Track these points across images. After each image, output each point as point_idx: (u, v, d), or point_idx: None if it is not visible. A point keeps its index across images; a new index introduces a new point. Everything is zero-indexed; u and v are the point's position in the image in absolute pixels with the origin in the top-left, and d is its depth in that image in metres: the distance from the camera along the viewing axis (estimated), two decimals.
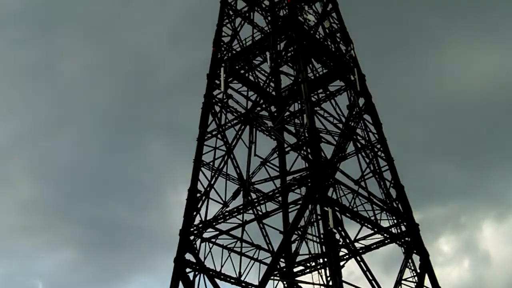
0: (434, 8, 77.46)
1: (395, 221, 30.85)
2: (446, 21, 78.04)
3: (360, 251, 29.84)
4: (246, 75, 35.30)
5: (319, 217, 27.71)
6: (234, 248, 31.09)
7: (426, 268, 30.02)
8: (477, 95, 71.36)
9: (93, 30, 79.19)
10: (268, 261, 30.96)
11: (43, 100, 76.01)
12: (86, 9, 79.41)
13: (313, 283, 26.85)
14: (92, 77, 76.66)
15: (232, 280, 30.47)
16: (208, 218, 30.51)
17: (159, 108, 73.49)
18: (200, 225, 30.30)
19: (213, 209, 32.33)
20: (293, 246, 32.84)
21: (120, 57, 78.38)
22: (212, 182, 31.71)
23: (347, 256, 29.10)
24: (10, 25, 78.42)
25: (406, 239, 30.46)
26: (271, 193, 29.59)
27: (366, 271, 26.63)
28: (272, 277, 27.30)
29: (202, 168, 31.97)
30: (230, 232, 31.04)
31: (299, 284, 31.46)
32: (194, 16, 73.41)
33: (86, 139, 73.60)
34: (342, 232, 26.17)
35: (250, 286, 30.96)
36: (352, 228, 29.65)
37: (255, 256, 31.81)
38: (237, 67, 34.64)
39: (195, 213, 30.66)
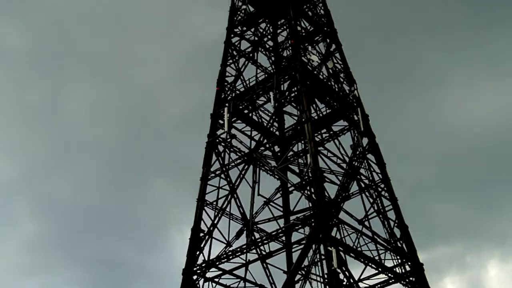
0: (437, 45, 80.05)
1: (399, 261, 32.01)
2: (450, 58, 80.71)
3: None
4: (250, 115, 37.13)
5: (323, 257, 28.93)
6: None
7: None
8: (483, 134, 73.19)
9: (97, 67, 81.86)
10: None
11: (46, 138, 78.10)
12: (91, 46, 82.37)
13: None
14: (96, 115, 78.87)
15: None
16: (211, 258, 31.76)
17: (163, 147, 75.41)
18: (203, 265, 31.52)
19: (217, 248, 33.67)
20: (297, 286, 33.91)
21: (124, 95, 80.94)
22: (215, 222, 33.04)
23: None
24: (13, 62, 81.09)
25: (411, 279, 31.59)
26: (274, 233, 30.88)
27: None
28: None
29: (206, 208, 33.34)
30: (234, 272, 32.24)
31: None
32: (199, 55, 76.09)
33: (90, 178, 75.26)
34: (346, 272, 27.31)
35: None
36: (356, 268, 30.85)
37: None
38: (240, 107, 36.50)
39: (198, 252, 31.88)
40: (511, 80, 75.83)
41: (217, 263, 31.59)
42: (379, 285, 31.77)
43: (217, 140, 35.58)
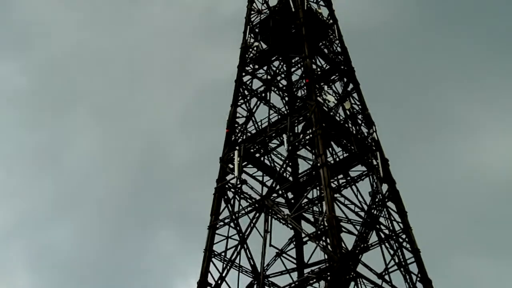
0: (462, 86, 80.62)
1: None
2: (474, 100, 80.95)
3: None
4: (262, 159, 37.70)
5: None
6: None
7: None
8: (508, 180, 72.75)
9: (101, 110, 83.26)
10: None
11: (46, 186, 79.00)
12: (94, 87, 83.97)
13: None
14: (99, 161, 79.73)
15: None
16: None
17: (169, 194, 75.93)
18: None
19: None
20: None
21: (129, 142, 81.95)
22: (223, 274, 33.14)
23: None
24: (13, 106, 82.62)
25: None
26: (287, 287, 30.71)
27: None
28: None
29: (213, 259, 33.41)
30: None
31: None
32: (208, 95, 77.36)
33: (91, 228, 75.67)
34: None
35: None
36: None
37: None
38: (252, 150, 37.08)
39: None
40: None
41: None
42: None
43: (227, 186, 35.94)
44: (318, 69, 40.60)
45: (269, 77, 41.58)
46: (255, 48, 42.04)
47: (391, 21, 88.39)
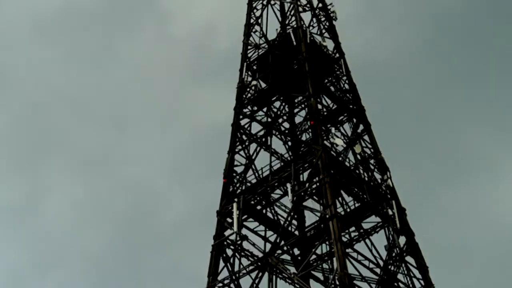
0: (483, 125, 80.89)
1: None
2: (500, 141, 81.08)
3: None
4: (264, 211, 37.80)
5: None
6: None
7: None
8: None
9: (85, 162, 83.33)
10: None
11: (26, 242, 78.43)
12: (78, 134, 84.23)
13: None
14: (82, 216, 79.51)
15: None
16: None
17: (160, 253, 75.48)
18: None
19: None
20: None
21: (115, 193, 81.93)
22: None
23: None
24: None
25: None
26: None
27: None
28: None
29: None
30: None
31: None
32: (201, 142, 77.79)
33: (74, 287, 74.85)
34: None
35: None
36: None
37: None
38: (252, 202, 37.13)
39: None
40: None
41: None
42: None
43: (225, 243, 35.91)
44: (324, 109, 40.99)
45: (269, 119, 41.96)
46: (253, 88, 42.39)
47: (404, 51, 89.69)
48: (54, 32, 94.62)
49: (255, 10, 47.09)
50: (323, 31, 46.14)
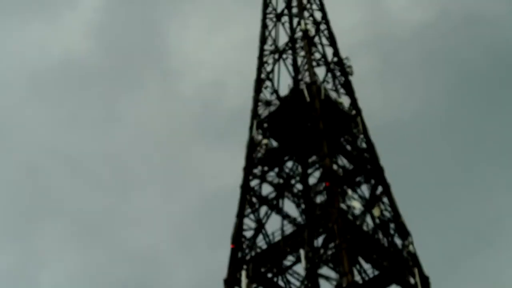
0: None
1: None
2: None
3: None
4: (275, 279, 39.09)
5: None
6: None
7: None
8: None
9: (84, 228, 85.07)
10: None
11: None
12: (74, 197, 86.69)
13: None
14: (79, 287, 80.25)
15: None
16: None
17: None
18: None
19: None
20: None
21: (115, 263, 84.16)
22: None
23: None
24: None
25: None
26: None
27: None
28: None
29: None
30: None
31: None
32: (208, 205, 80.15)
33: None
34: None
35: None
36: None
37: None
38: (263, 269, 38.70)
39: None
40: None
41: None
42: None
43: None
44: (340, 170, 42.29)
45: (281, 180, 43.26)
46: (263, 147, 44.16)
47: (427, 110, 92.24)
48: (53, 90, 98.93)
49: (266, 65, 49.37)
50: (339, 86, 47.92)
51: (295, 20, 51.07)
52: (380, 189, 42.69)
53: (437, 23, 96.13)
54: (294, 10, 51.96)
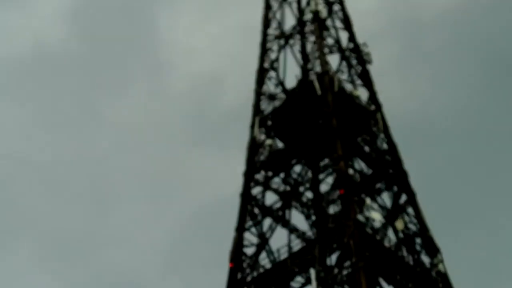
0: None
1: None
2: None
3: None
4: None
5: None
6: None
7: None
8: None
9: (58, 247, 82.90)
10: None
11: None
12: (45, 217, 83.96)
13: None
14: None
15: None
16: None
17: None
18: None
19: None
20: None
21: (95, 286, 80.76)
22: None
23: None
24: None
25: None
26: None
27: None
28: None
29: None
30: None
31: None
32: (202, 218, 77.75)
33: None
34: None
35: None
36: None
37: None
38: None
39: None
40: None
41: None
42: None
43: None
44: (357, 175, 40.60)
45: (288, 188, 41.42)
46: (267, 148, 42.37)
47: (459, 104, 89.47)
48: (20, 85, 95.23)
49: (269, 52, 47.24)
50: (355, 77, 45.87)
51: (304, 1, 48.21)
52: (404, 197, 40.60)
53: (466, 5, 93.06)
54: None
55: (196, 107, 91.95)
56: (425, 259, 38.07)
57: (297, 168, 42.45)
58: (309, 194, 41.80)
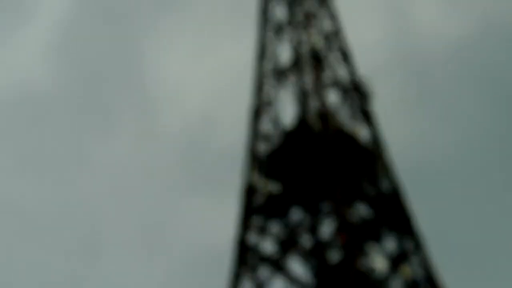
0: None
1: None
2: None
3: None
4: None
5: None
6: None
7: None
8: None
9: None
10: None
11: None
12: (32, 270, 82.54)
13: None
14: None
15: None
16: None
17: None
18: None
19: None
20: None
21: None
22: None
23: None
24: None
25: None
26: None
27: None
28: None
29: None
30: None
31: None
32: (194, 270, 76.04)
33: None
34: None
35: None
36: None
37: None
38: None
39: None
40: None
41: None
42: None
43: None
44: (360, 220, 40.02)
45: (286, 234, 40.77)
46: (263, 192, 41.59)
47: (466, 144, 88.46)
48: (2, 126, 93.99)
49: (264, 88, 46.15)
50: (356, 114, 45.03)
51: (301, 31, 47.42)
52: (409, 242, 40.05)
53: (477, 37, 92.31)
54: (299, 19, 48.08)
55: (187, 148, 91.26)
56: None
57: (296, 213, 41.94)
58: (308, 241, 41.13)
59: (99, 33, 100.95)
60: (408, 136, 77.74)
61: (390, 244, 40.31)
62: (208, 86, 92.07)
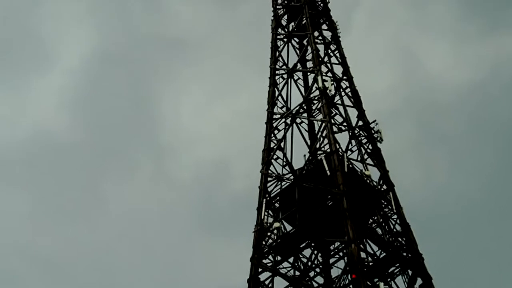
0: None
1: None
2: None
3: None
4: None
5: None
6: None
7: None
8: None
9: None
10: None
11: None
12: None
13: None
14: None
15: None
16: None
17: None
18: None
19: None
20: None
21: None
22: None
23: None
24: None
25: None
26: None
27: None
28: None
29: None
30: None
31: None
32: None
33: None
34: None
35: None
36: None
37: None
38: None
39: None
40: None
41: None
42: None
43: None
44: (370, 259, 41.36)
45: (297, 272, 42.20)
46: (275, 231, 42.97)
47: (475, 191, 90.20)
48: (19, 174, 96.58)
49: (276, 132, 48.60)
50: (365, 156, 47.09)
51: (311, 77, 50.37)
52: (419, 281, 41.08)
53: (486, 85, 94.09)
54: (309, 65, 51.45)
55: (202, 193, 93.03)
56: None
57: (307, 252, 43.35)
58: (319, 279, 42.86)
59: (114, 80, 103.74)
60: (417, 180, 79.54)
61: (400, 282, 41.20)
62: (221, 132, 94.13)
